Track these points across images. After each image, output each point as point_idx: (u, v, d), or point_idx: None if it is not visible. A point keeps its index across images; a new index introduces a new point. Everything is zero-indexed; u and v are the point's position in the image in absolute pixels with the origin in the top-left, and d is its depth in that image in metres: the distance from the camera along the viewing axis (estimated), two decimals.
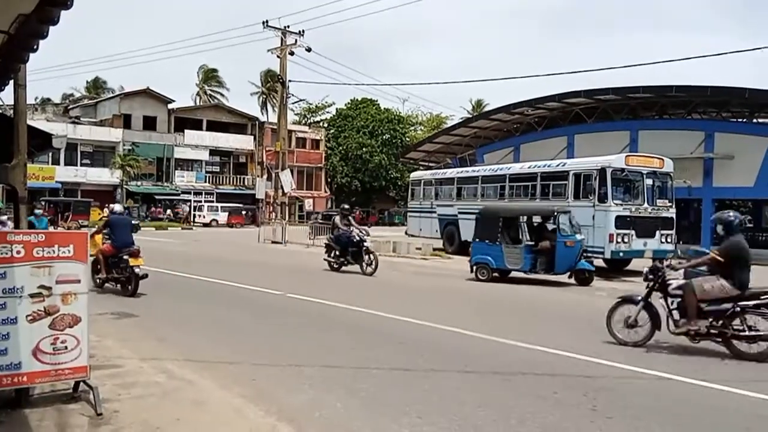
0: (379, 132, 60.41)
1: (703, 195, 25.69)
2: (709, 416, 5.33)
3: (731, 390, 6.08)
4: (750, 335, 7.31)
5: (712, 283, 7.55)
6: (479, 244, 15.68)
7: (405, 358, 7.07)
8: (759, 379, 6.52)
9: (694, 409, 5.55)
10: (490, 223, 15.63)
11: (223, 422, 4.95)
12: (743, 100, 26.15)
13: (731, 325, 7.39)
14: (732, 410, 5.54)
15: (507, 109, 31.90)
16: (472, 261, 15.74)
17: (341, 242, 16.50)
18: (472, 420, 5.05)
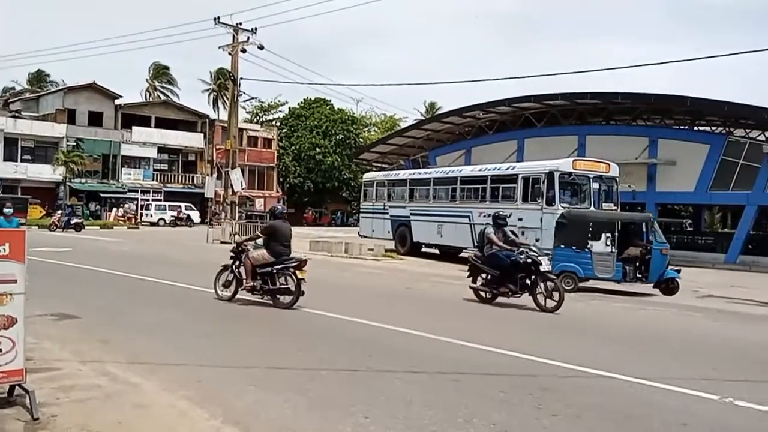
0: (332, 132, 60.22)
1: (646, 199, 26.57)
2: (647, 413, 5.50)
3: (670, 388, 6.28)
4: (280, 288, 10.29)
5: (260, 252, 10.48)
6: (564, 250, 14.59)
7: (353, 359, 7.06)
8: (697, 378, 6.77)
9: (634, 406, 5.71)
10: (578, 229, 14.66)
11: (166, 425, 4.84)
12: (685, 107, 27.18)
13: (275, 283, 10.32)
14: (670, 407, 5.72)
15: (459, 113, 32.32)
16: (556, 269, 13.89)
17: (502, 265, 11.56)
18: (419, 420, 5.08)
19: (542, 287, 11.22)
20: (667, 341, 9.29)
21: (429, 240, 23.15)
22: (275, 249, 10.42)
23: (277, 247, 10.45)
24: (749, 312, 12.79)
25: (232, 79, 30.77)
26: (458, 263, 21.41)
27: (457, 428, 4.93)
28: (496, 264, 11.55)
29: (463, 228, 21.09)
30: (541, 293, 11.19)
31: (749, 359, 8.16)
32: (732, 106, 24.98)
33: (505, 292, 11.52)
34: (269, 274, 10.37)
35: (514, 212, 18.99)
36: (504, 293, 11.54)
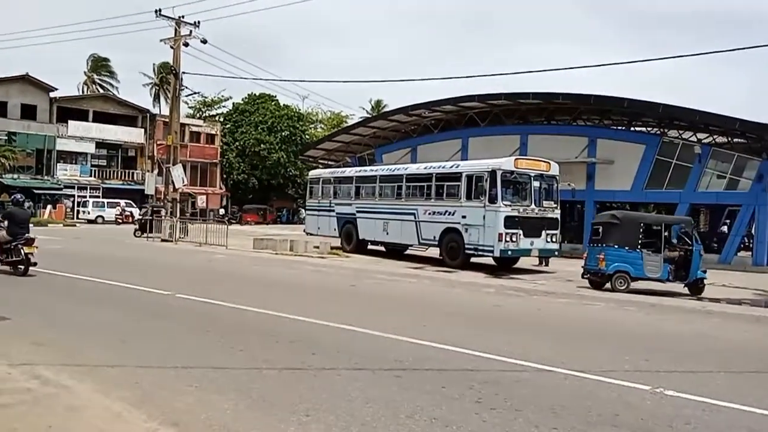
0: (277, 128, 59.58)
1: (586, 197, 27.35)
2: (583, 404, 5.66)
3: (605, 380, 6.50)
4: (15, 260, 12.98)
5: (2, 233, 13.08)
6: (617, 251, 14.78)
7: (295, 357, 7.02)
8: (631, 369, 7.01)
9: (570, 398, 5.88)
10: (631, 230, 14.85)
11: (101, 428, 4.70)
12: (623, 108, 28.09)
13: (11, 256, 13.05)
14: (604, 398, 5.91)
15: (405, 111, 32.51)
16: (611, 269, 14.65)
17: None
18: (361, 416, 5.09)
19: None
20: (602, 335, 9.59)
21: (375, 237, 23.21)
22: (12, 230, 13.10)
23: (13, 228, 13.12)
24: (680, 305, 13.33)
25: (173, 74, 30.04)
26: (404, 260, 21.59)
27: (398, 424, 4.96)
28: None
29: (408, 225, 21.23)
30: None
31: (679, 350, 8.51)
32: (666, 108, 25.95)
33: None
34: (8, 249, 13.10)
35: (458, 210, 19.28)
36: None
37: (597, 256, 14.98)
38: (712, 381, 6.75)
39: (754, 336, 10.21)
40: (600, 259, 14.85)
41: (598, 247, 15.19)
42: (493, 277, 17.33)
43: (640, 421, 5.26)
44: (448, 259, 19.73)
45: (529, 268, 20.05)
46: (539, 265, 20.61)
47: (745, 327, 11.01)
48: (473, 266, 19.44)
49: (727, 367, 7.54)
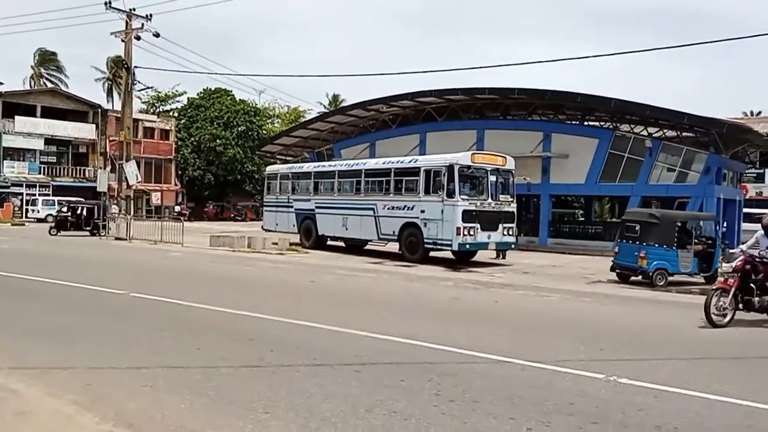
0: (234, 123, 58.73)
1: (541, 191, 27.80)
2: (539, 394, 5.75)
3: (561, 369, 6.62)
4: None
5: None
6: (657, 249, 15.19)
7: (254, 355, 6.94)
8: (586, 359, 7.16)
9: (528, 388, 5.97)
10: (669, 229, 15.35)
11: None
12: (577, 103, 28.61)
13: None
14: (560, 388, 6.02)
15: (363, 106, 32.45)
16: (652, 266, 15.05)
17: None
18: (320, 412, 5.07)
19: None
20: (558, 325, 9.75)
21: (334, 233, 23.13)
22: None
23: None
24: (633, 295, 13.66)
25: (125, 68, 29.32)
26: (364, 255, 21.57)
27: (358, 419, 4.95)
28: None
29: (368, 221, 21.22)
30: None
31: (633, 340, 8.72)
32: (618, 103, 26.51)
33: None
34: None
35: (417, 204, 19.36)
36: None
37: (636, 254, 15.40)
38: (663, 368, 6.94)
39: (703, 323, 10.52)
40: (641, 257, 15.26)
41: (636, 245, 15.55)
42: (452, 271, 17.47)
43: (595, 409, 5.37)
44: (407, 253, 19.81)
45: (486, 261, 20.28)
46: (496, 258, 20.86)
47: (695, 315, 11.35)
48: (432, 260, 19.57)
49: (677, 355, 7.77)
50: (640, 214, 17.07)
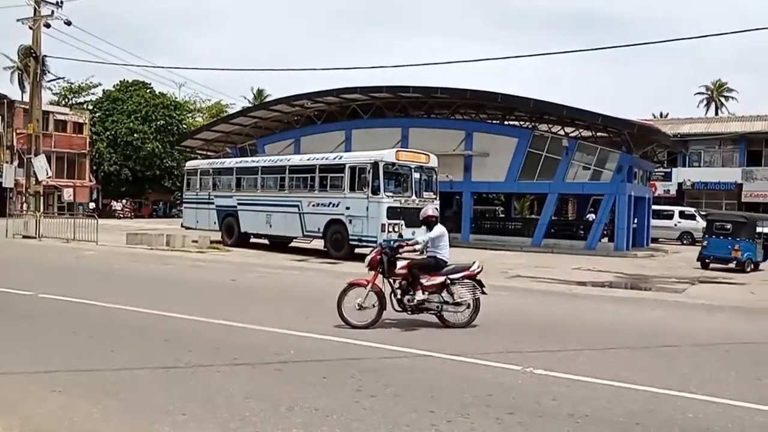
0: (152, 117, 56.77)
1: (463, 188, 28.34)
2: (459, 386, 5.88)
3: (480, 362, 6.78)
4: None
5: None
6: (747, 242, 19.27)
7: (170, 355, 6.75)
8: (503, 351, 7.37)
9: (447, 381, 6.08)
10: (752, 227, 19.64)
11: None
12: (497, 103, 29.33)
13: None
14: (479, 380, 6.17)
15: (287, 101, 32.08)
16: (744, 257, 19.06)
17: None
18: (240, 411, 4.98)
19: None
20: (479, 319, 9.96)
21: (258, 230, 22.77)
22: None
23: None
24: (549, 289, 14.17)
25: (33, 57, 27.78)
26: (288, 253, 21.35)
27: (279, 417, 4.90)
28: None
29: (292, 217, 21.02)
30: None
31: (548, 332, 9.05)
32: (537, 103, 27.38)
33: None
34: None
35: (342, 201, 19.35)
36: None
37: (729, 247, 19.30)
38: (577, 359, 7.23)
39: (615, 316, 11.05)
40: (735, 249, 19.17)
41: (728, 239, 19.46)
42: None
43: (512, 400, 5.54)
44: (332, 250, 19.76)
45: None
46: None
47: (608, 307, 11.90)
48: (357, 257, 19.54)
49: (591, 345, 8.11)
50: (731, 215, 22.30)
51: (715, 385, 6.19)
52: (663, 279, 17.13)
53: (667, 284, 15.96)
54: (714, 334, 9.15)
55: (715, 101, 64.69)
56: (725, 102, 65.07)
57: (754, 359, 7.57)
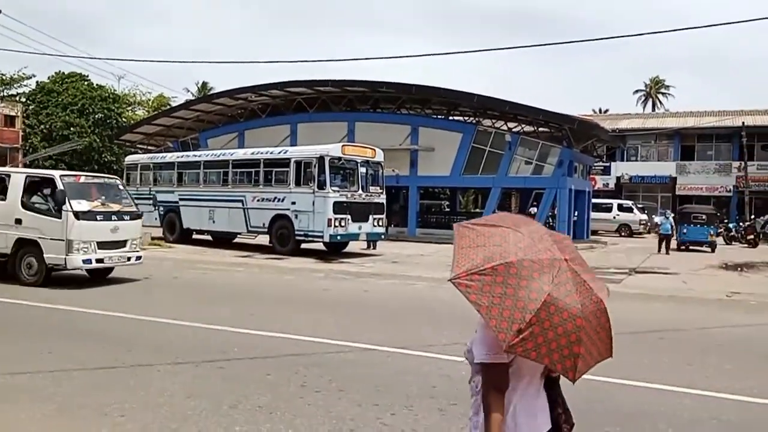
0: (90, 110, 54.85)
1: (409, 183, 28.52)
2: (404, 379, 5.93)
3: (424, 354, 6.87)
4: None
5: None
6: (716, 230, 24.59)
7: (109, 356, 6.55)
8: (449, 343, 7.45)
9: (393, 374, 6.13)
10: (718, 217, 24.73)
11: None
12: (442, 98, 29.60)
13: None
14: (424, 372, 6.23)
15: (230, 94, 31.56)
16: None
17: None
18: (182, 411, 4.89)
19: None
20: (424, 312, 10.07)
21: (200, 226, 22.33)
22: None
23: None
24: None
25: None
26: (232, 249, 21.03)
27: (221, 416, 4.84)
28: None
29: (236, 213, 20.70)
30: None
31: None
32: (480, 98, 27.78)
33: None
34: None
35: (288, 196, 19.16)
36: None
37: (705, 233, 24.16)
38: None
39: None
40: (711, 235, 24.23)
41: (704, 227, 24.31)
42: (324, 262, 17.50)
43: (456, 391, 5.61)
44: (278, 245, 19.57)
45: (357, 252, 20.51)
46: (367, 248, 21.16)
47: None
48: (303, 252, 19.48)
49: None
50: (704, 209, 26.79)
51: (649, 371, 6.43)
52: (602, 270, 17.66)
53: (605, 275, 16.46)
54: (649, 323, 9.49)
55: (652, 98, 66.91)
56: (663, 99, 67.40)
57: (685, 346, 7.90)
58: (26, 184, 11.64)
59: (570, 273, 2.14)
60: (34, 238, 11.31)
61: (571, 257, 2.21)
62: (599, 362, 2.25)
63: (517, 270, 2.09)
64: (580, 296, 2.12)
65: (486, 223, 2.32)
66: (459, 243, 2.24)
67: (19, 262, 11.55)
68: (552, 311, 2.05)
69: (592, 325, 2.16)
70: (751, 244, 26.99)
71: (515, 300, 2.06)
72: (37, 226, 11.34)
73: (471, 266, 2.15)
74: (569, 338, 2.07)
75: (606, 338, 2.24)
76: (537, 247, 2.17)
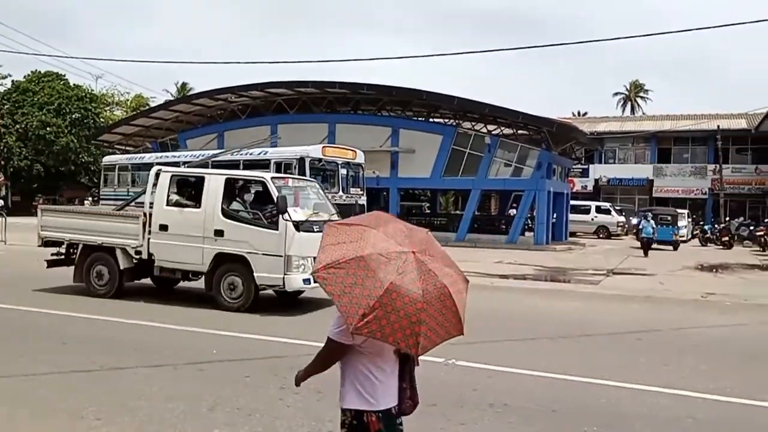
0: (67, 110, 54.12)
1: (390, 184, 28.52)
2: None
3: None
4: None
5: None
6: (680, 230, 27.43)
7: (86, 358, 6.47)
8: None
9: None
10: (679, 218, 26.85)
11: None
12: (422, 100, 29.67)
13: None
14: None
15: (210, 95, 31.35)
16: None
17: None
18: (159, 414, 4.85)
19: None
20: None
21: None
22: None
23: None
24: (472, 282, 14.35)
25: None
26: None
27: (200, 418, 4.80)
28: None
29: None
30: None
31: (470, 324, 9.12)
32: (461, 101, 27.89)
33: None
34: None
35: None
36: None
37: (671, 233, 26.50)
38: (498, 350, 7.44)
39: (535, 308, 11.41)
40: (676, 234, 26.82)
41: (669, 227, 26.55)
42: None
43: (435, 391, 5.62)
44: None
45: None
46: None
47: (528, 299, 12.28)
48: None
49: (511, 336, 8.35)
50: (669, 210, 29.22)
51: (627, 372, 6.50)
52: (580, 271, 17.84)
53: (584, 276, 16.62)
54: (627, 324, 9.60)
55: (632, 101, 67.72)
56: (642, 102, 68.23)
57: (662, 347, 8.00)
58: (226, 188, 9.74)
59: (415, 263, 2.45)
60: (241, 254, 9.30)
61: (420, 249, 2.53)
62: (447, 339, 2.56)
63: (366, 263, 2.40)
64: (423, 283, 2.42)
65: (351, 223, 2.66)
66: (324, 241, 2.56)
67: (218, 283, 9.55)
68: (394, 297, 2.36)
69: (436, 308, 2.46)
70: (726, 245, 27.38)
71: (363, 289, 2.37)
72: (245, 238, 9.33)
73: (330, 261, 2.45)
74: (410, 319, 2.37)
75: (452, 318, 2.56)
76: (389, 242, 2.49)
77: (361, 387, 2.71)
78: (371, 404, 2.70)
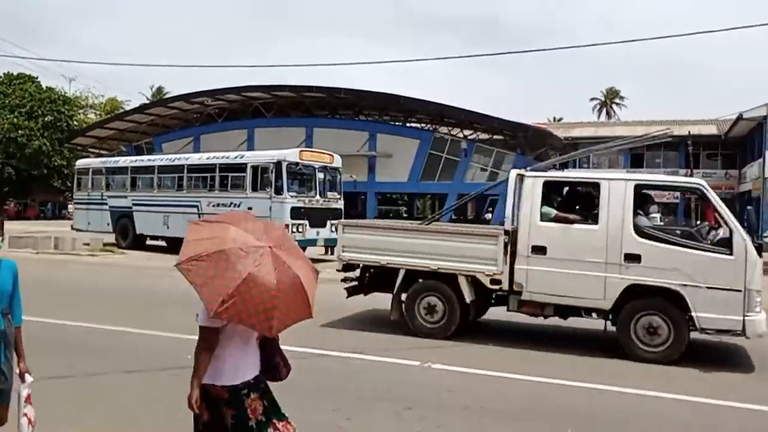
0: (39, 113, 53.26)
1: (367, 188, 28.64)
2: (360, 384, 5.97)
3: (380, 359, 6.95)
4: None
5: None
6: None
7: (60, 363, 6.39)
8: (405, 348, 7.53)
9: (349, 378, 6.17)
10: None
11: None
12: (399, 105, 29.86)
13: None
14: (380, 377, 6.30)
15: (186, 98, 31.21)
16: None
17: None
18: (137, 420, 4.84)
19: None
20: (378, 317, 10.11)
21: (155, 232, 21.91)
22: None
23: None
24: None
25: None
26: None
27: (175, 423, 4.74)
28: None
29: (191, 218, 20.37)
30: None
31: None
32: (437, 106, 28.12)
33: None
34: None
35: (244, 201, 18.99)
36: None
37: None
38: (475, 353, 7.51)
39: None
40: None
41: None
42: None
43: (411, 394, 5.69)
44: None
45: (315, 258, 20.44)
46: (325, 254, 21.12)
47: None
48: None
49: (487, 341, 8.40)
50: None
51: (600, 374, 6.62)
52: None
53: None
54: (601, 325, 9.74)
55: (607, 107, 68.63)
56: (617, 108, 69.19)
57: None
58: (636, 198, 7.60)
59: (271, 256, 2.79)
60: (672, 287, 7.17)
61: (277, 244, 2.86)
62: (298, 321, 2.91)
63: (227, 256, 2.72)
64: (277, 274, 2.76)
65: (215, 220, 3.01)
66: (188, 236, 2.87)
67: (628, 324, 7.39)
68: (251, 285, 2.69)
69: (288, 295, 2.80)
70: None
71: (223, 279, 2.69)
72: (677, 265, 7.19)
73: (193, 254, 2.75)
74: (265, 305, 2.72)
75: (302, 304, 2.90)
76: (248, 238, 2.81)
77: (229, 364, 3.06)
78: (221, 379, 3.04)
